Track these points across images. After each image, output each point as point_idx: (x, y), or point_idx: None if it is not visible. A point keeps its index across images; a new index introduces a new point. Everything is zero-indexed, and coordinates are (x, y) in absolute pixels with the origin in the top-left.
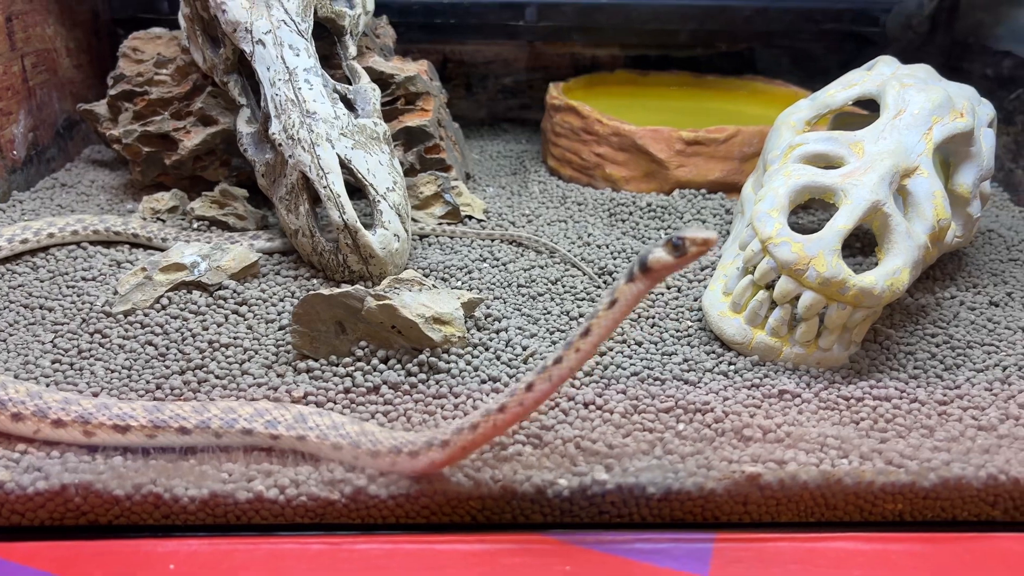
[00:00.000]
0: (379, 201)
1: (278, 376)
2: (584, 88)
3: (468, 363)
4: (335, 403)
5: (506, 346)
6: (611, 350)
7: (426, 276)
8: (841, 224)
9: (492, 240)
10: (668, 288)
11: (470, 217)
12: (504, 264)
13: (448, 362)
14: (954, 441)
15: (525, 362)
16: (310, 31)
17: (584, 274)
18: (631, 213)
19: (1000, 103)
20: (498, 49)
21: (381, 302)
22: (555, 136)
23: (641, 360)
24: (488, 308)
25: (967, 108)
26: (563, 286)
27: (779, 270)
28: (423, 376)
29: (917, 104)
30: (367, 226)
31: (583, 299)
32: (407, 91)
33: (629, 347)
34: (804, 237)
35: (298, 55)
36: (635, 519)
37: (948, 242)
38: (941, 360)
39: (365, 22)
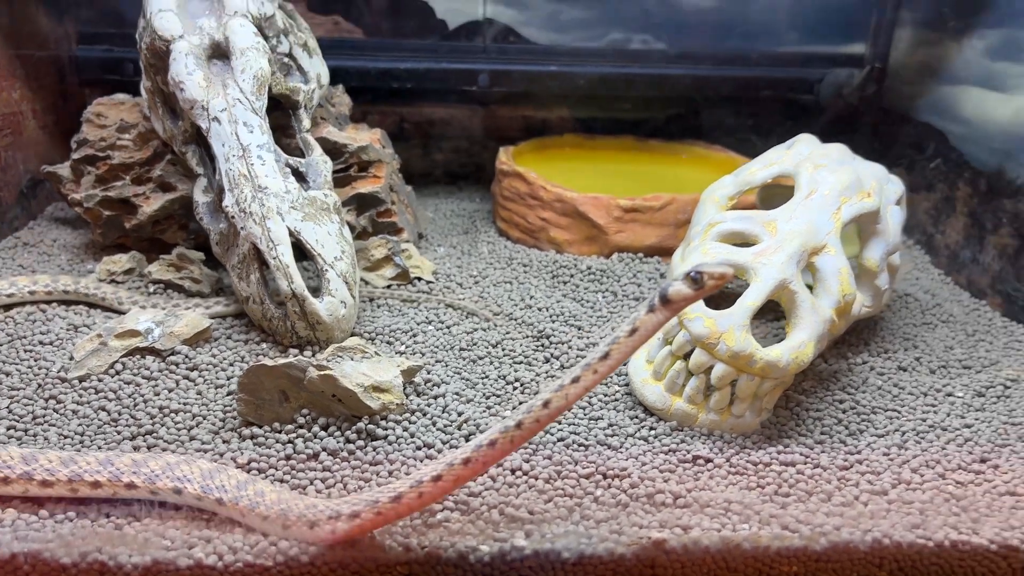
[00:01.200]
0: (327, 270)
1: (224, 443)
2: (534, 151)
3: (405, 429)
4: (276, 469)
5: (443, 412)
6: None
7: (372, 340)
8: (750, 301)
9: (424, 303)
10: None
11: (419, 279)
12: (448, 327)
13: (386, 429)
14: (848, 506)
15: (459, 428)
16: (264, 108)
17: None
18: (572, 275)
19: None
20: (453, 112)
21: (322, 372)
22: (504, 200)
23: (569, 425)
24: (428, 373)
25: (875, 188)
26: (503, 349)
27: (693, 343)
28: (361, 443)
29: (828, 185)
30: (315, 294)
31: (521, 363)
32: (360, 159)
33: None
34: (716, 313)
35: (252, 132)
36: None
37: (856, 313)
38: (846, 425)
39: (320, 95)
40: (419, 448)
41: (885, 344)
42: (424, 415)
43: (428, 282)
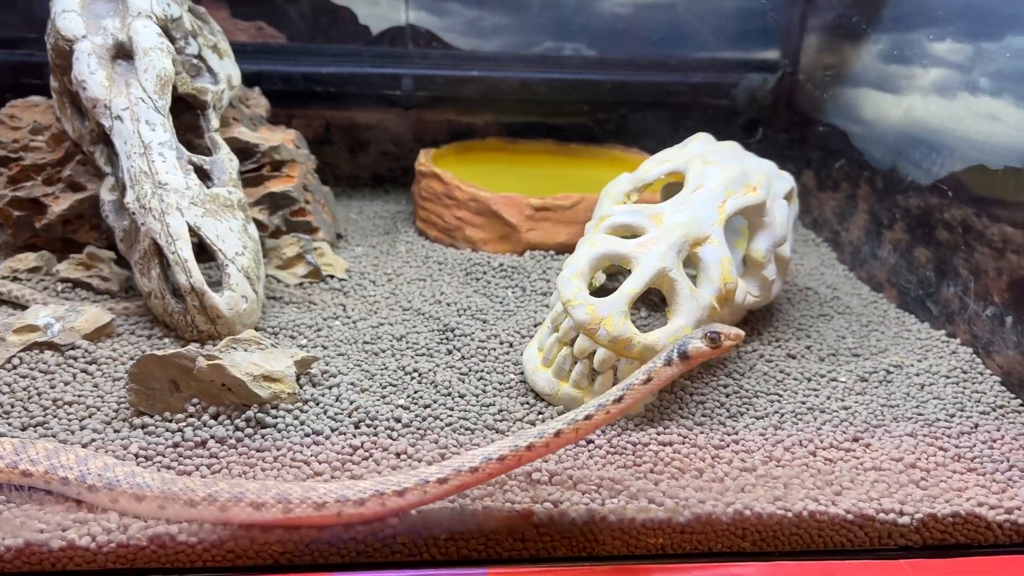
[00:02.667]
0: (227, 265)
1: (115, 432)
2: (456, 154)
3: (296, 418)
4: (164, 456)
5: (335, 401)
6: (435, 402)
7: (275, 335)
8: (629, 288)
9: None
10: (501, 343)
11: (332, 276)
12: (355, 322)
13: (276, 417)
14: (717, 481)
15: (350, 415)
16: (167, 107)
17: None
18: (485, 272)
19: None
20: (379, 116)
21: (211, 362)
22: (422, 200)
23: (461, 411)
24: (327, 365)
25: (761, 183)
26: (407, 342)
27: (576, 329)
28: (250, 431)
29: (714, 180)
30: (216, 289)
31: (423, 354)
32: (272, 159)
33: (453, 399)
34: (598, 300)
35: (154, 130)
36: (425, 558)
37: (741, 302)
38: (727, 408)
39: (231, 96)
40: (307, 435)
41: (778, 334)
42: (317, 404)
43: (341, 280)
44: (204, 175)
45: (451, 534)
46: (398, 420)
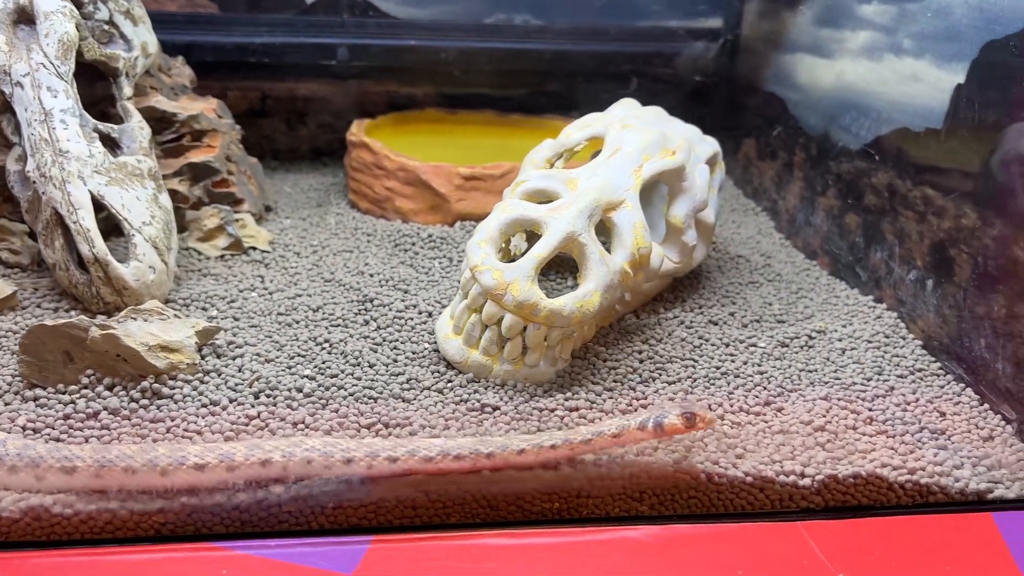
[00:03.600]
0: (134, 235)
1: (4, 404)
2: (393, 125)
3: (194, 389)
4: (53, 429)
5: (238, 372)
6: (343, 372)
7: (186, 306)
8: (537, 253)
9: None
10: (420, 313)
11: (254, 248)
12: (271, 293)
13: (173, 388)
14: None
15: (251, 386)
16: (70, 73)
17: None
18: (413, 243)
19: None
20: (316, 87)
21: (104, 332)
22: (353, 171)
23: (368, 380)
24: (234, 336)
25: (681, 147)
26: (323, 313)
27: (484, 295)
28: (145, 402)
29: (631, 144)
30: (122, 259)
31: (338, 325)
32: (192, 128)
33: (362, 369)
34: (505, 265)
35: (56, 96)
36: (313, 526)
37: (656, 266)
38: (640, 374)
39: (145, 64)
40: (204, 406)
41: (702, 300)
42: (218, 375)
43: (263, 252)
44: (113, 144)
45: (338, 502)
46: (300, 390)
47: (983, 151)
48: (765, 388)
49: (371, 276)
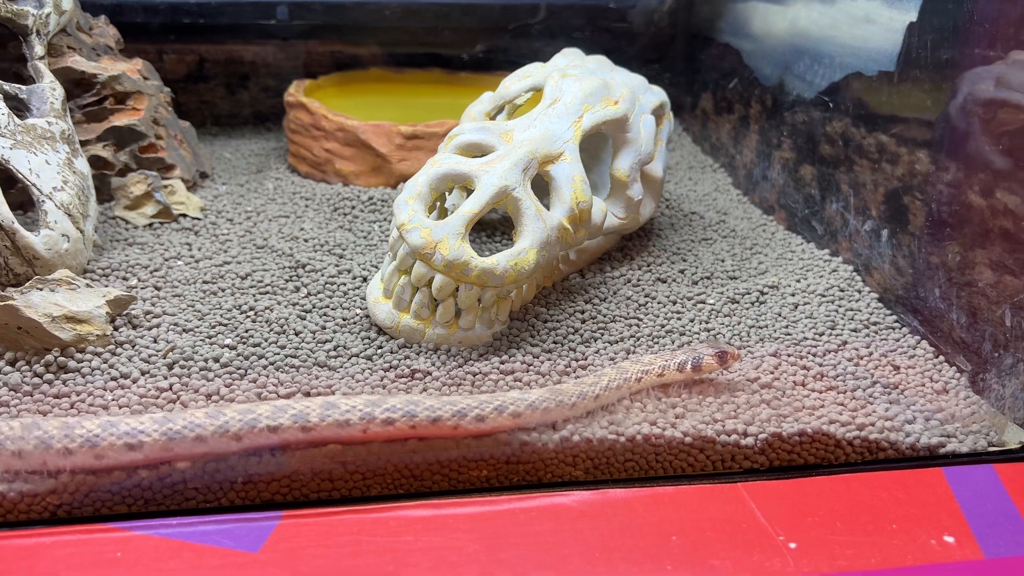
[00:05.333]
0: (43, 201)
1: None
2: (336, 86)
3: (104, 361)
4: None
5: (152, 343)
6: (266, 340)
7: (106, 276)
8: (467, 209)
9: None
10: (354, 278)
11: (184, 216)
12: (198, 261)
13: (80, 361)
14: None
15: (164, 356)
16: None
17: None
18: (353, 207)
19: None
20: (256, 49)
21: (3, 303)
22: (291, 133)
23: (292, 348)
24: (153, 306)
25: (624, 96)
26: (251, 280)
27: (413, 255)
28: (50, 376)
29: (571, 93)
30: (33, 228)
31: (267, 292)
32: (115, 90)
33: (287, 337)
34: (433, 223)
35: None
36: (223, 503)
37: (598, 222)
38: (581, 334)
39: (59, 21)
40: (113, 379)
41: (651, 258)
42: (132, 346)
43: (195, 219)
44: (22, 105)
45: (248, 477)
46: (217, 360)
47: (936, 93)
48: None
49: (305, 241)
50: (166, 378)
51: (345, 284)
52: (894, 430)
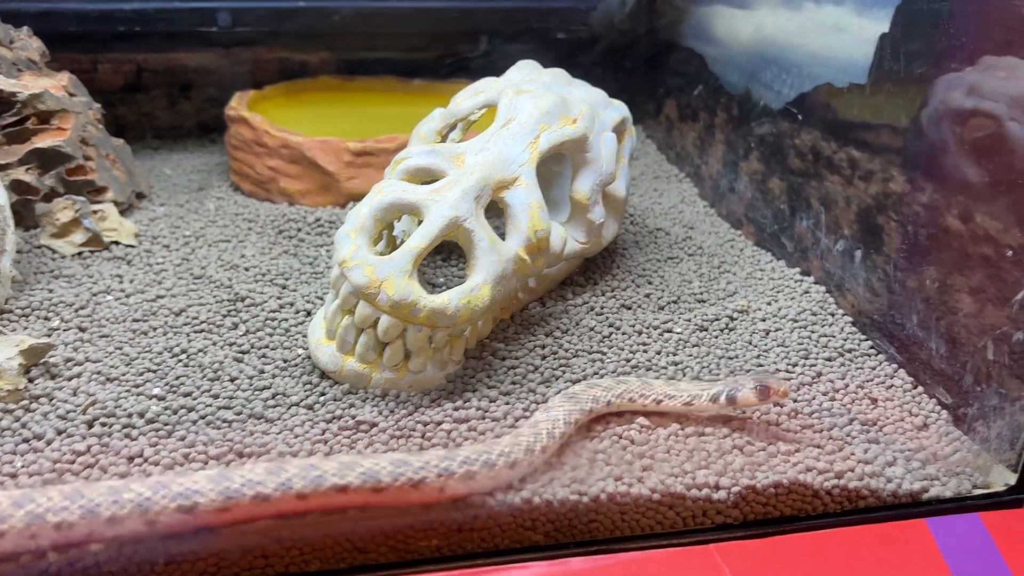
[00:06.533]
0: None
1: None
2: (283, 96)
3: (16, 419)
4: None
5: (72, 396)
6: (198, 389)
7: (25, 317)
8: (415, 244)
9: None
10: (296, 312)
11: (117, 243)
12: (128, 296)
13: None
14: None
15: (84, 412)
16: None
17: None
18: (299, 229)
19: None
20: (199, 57)
21: None
22: (233, 149)
23: (226, 398)
24: (75, 351)
25: (583, 114)
26: (186, 317)
27: (356, 294)
28: None
29: (525, 112)
30: None
31: (202, 331)
32: (37, 109)
33: (221, 384)
34: (378, 259)
35: None
36: None
37: (558, 250)
38: (541, 373)
39: None
40: (25, 441)
41: (616, 282)
42: (49, 401)
43: (128, 247)
44: None
45: (170, 558)
46: (143, 415)
47: (910, 108)
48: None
49: (246, 270)
50: (84, 438)
51: (287, 320)
52: (874, 475)
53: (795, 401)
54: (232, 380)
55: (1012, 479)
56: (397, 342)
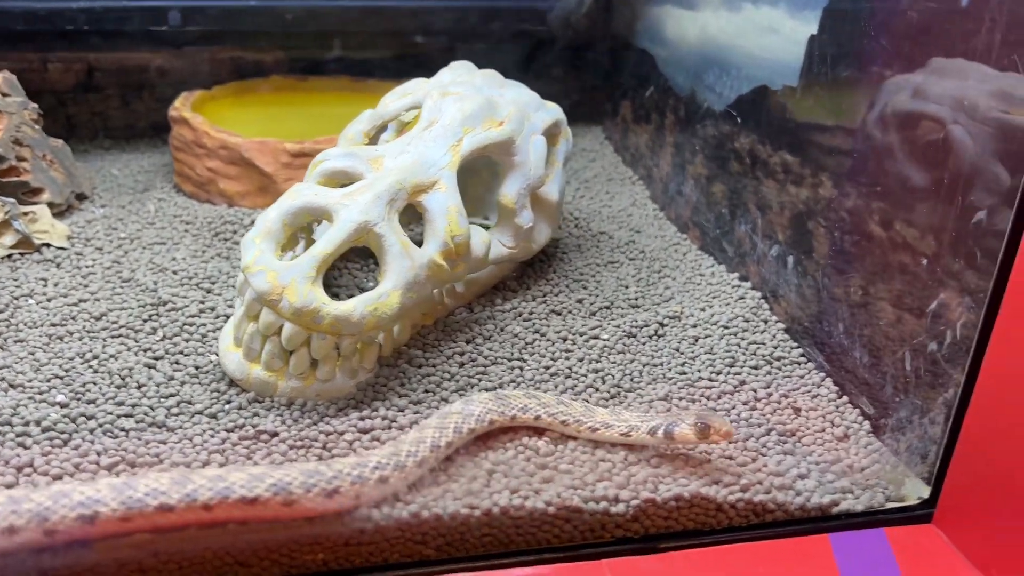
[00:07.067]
0: None
1: None
2: (233, 96)
3: None
4: None
5: None
6: (103, 396)
7: None
8: (320, 249)
9: None
10: (217, 317)
11: (48, 245)
12: (50, 300)
13: None
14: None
15: None
16: None
17: None
18: (235, 232)
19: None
20: (150, 57)
21: None
22: (175, 150)
23: (130, 406)
24: None
25: (512, 116)
26: (105, 322)
27: (259, 300)
28: None
29: (449, 115)
30: None
31: (119, 336)
32: None
33: (127, 391)
34: (281, 265)
35: None
36: None
37: (480, 254)
38: (456, 380)
39: None
40: None
41: (549, 287)
42: None
43: (59, 249)
44: None
45: (42, 572)
46: (39, 423)
47: (837, 111)
48: (597, 390)
49: (175, 273)
50: None
51: (205, 325)
52: (784, 488)
53: (715, 411)
54: (139, 387)
55: (927, 492)
56: (302, 350)
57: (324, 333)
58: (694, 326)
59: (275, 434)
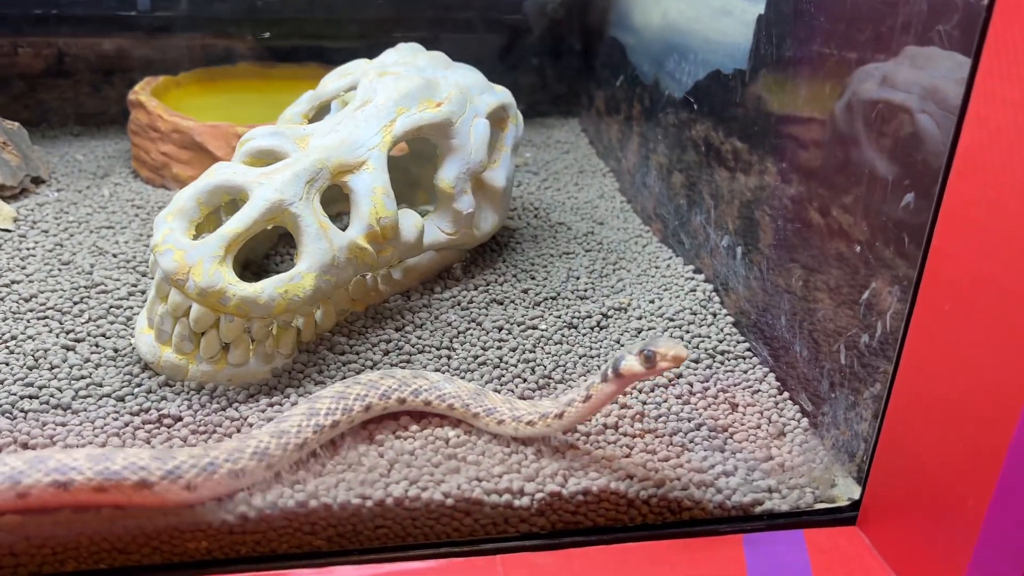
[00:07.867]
0: None
1: None
2: (197, 83)
3: None
4: None
5: None
6: (12, 377)
7: None
8: (230, 228)
9: None
10: (145, 300)
11: None
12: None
13: None
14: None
15: None
16: None
17: None
18: None
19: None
20: (120, 42)
21: None
22: (132, 135)
23: (38, 387)
24: None
25: (452, 98)
26: (34, 303)
27: (166, 280)
28: None
29: (384, 94)
30: None
31: (44, 318)
32: None
33: (38, 372)
34: (190, 243)
35: None
36: None
37: (411, 239)
38: (378, 368)
39: None
40: None
41: (495, 276)
42: None
43: (4, 231)
44: None
45: None
46: None
47: (782, 95)
48: (525, 380)
49: (115, 256)
50: None
51: (132, 308)
52: (703, 485)
53: (644, 404)
54: (51, 368)
55: (858, 493)
56: (212, 332)
57: (231, 315)
58: (639, 318)
59: (179, 419)
